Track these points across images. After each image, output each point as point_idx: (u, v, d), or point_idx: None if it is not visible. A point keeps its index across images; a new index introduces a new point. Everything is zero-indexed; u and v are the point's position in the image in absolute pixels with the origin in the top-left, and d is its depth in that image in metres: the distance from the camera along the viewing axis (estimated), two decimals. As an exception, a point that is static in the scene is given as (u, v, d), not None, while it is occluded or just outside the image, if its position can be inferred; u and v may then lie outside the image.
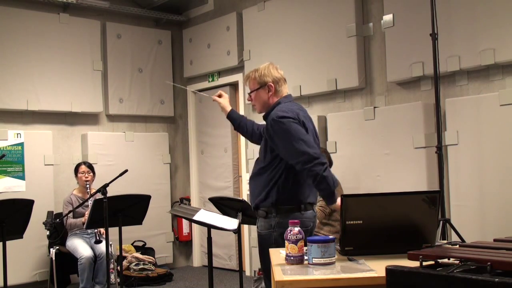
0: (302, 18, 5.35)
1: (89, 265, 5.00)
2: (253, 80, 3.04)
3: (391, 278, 1.65)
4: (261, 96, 3.02)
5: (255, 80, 3.03)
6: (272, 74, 3.01)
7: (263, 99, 3.02)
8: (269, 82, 2.99)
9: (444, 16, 4.12)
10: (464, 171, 4.05)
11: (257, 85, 3.02)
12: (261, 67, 3.05)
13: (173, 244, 6.74)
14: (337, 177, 4.49)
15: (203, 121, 6.80)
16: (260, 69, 3.03)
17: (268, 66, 3.04)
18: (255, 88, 3.03)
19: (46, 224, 4.94)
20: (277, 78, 3.01)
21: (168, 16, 6.76)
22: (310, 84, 5.24)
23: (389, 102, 4.74)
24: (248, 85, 3.11)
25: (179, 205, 5.86)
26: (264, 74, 3.00)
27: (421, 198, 2.41)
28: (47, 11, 5.94)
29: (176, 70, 6.99)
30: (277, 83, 3.00)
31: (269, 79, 2.99)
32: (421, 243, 2.32)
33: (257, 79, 3.01)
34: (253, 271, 5.62)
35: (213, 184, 6.59)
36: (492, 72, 4.06)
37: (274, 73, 3.01)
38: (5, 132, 5.53)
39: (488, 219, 3.90)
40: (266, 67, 3.03)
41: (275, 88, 3.00)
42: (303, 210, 2.90)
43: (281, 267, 2.17)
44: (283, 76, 3.06)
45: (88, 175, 5.34)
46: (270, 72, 3.01)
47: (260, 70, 3.03)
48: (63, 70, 5.97)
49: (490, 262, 1.57)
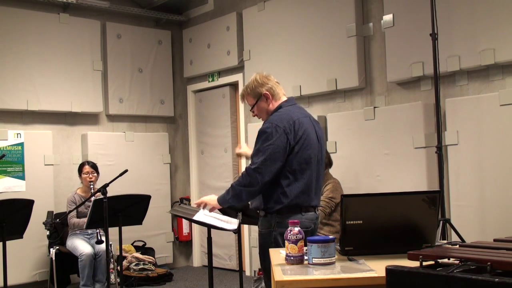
0: (302, 18, 5.35)
1: (90, 262, 5.00)
2: (248, 96, 3.10)
3: (391, 278, 1.65)
4: (262, 107, 3.07)
5: (249, 95, 3.09)
6: (263, 82, 3.06)
7: (265, 109, 3.06)
8: (263, 91, 3.04)
9: (444, 16, 4.12)
10: (464, 171, 4.05)
11: (254, 99, 3.07)
12: (250, 81, 3.11)
13: (173, 244, 6.74)
14: (337, 177, 4.55)
15: (203, 121, 6.80)
16: (250, 84, 3.09)
17: (255, 78, 3.09)
18: (254, 102, 3.08)
19: (46, 224, 4.94)
20: (268, 84, 3.06)
21: (168, 16, 6.76)
22: (310, 84, 5.24)
23: (389, 102, 4.74)
24: (247, 103, 3.16)
25: (179, 205, 5.85)
26: (255, 86, 3.06)
27: (421, 198, 2.41)
28: (47, 11, 5.94)
29: (176, 70, 6.99)
30: (270, 88, 3.05)
31: (262, 89, 3.04)
32: (421, 243, 2.32)
33: (251, 94, 3.08)
34: (253, 271, 5.61)
35: (213, 184, 6.59)
36: (492, 72, 4.05)
37: (264, 81, 3.06)
38: (5, 132, 5.53)
39: (488, 219, 3.89)
40: (254, 80, 3.08)
41: (271, 93, 3.04)
42: (304, 212, 2.91)
43: (281, 267, 2.17)
44: (273, 80, 3.11)
45: (92, 176, 5.34)
46: (259, 82, 3.06)
47: (250, 85, 3.08)
48: (63, 70, 5.96)
49: (490, 262, 1.57)
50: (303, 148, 2.89)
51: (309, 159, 2.92)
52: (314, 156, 2.96)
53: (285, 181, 2.86)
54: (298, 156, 2.88)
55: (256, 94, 3.05)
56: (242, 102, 3.24)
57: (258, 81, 3.06)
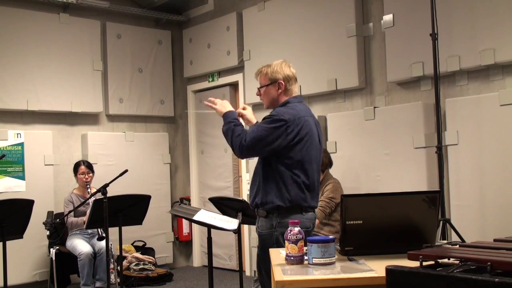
0: (302, 18, 5.35)
1: (89, 261, 5.00)
2: (265, 76, 3.01)
3: (391, 278, 1.65)
4: (270, 93, 3.00)
5: (266, 75, 3.00)
6: (284, 72, 2.98)
7: (272, 96, 3.00)
8: (280, 79, 2.96)
9: (444, 16, 4.12)
10: (464, 171, 4.05)
11: (268, 81, 2.99)
12: (274, 63, 3.01)
13: (173, 244, 6.74)
14: (337, 177, 4.55)
15: (203, 121, 6.80)
16: (273, 65, 3.00)
17: (281, 63, 3.01)
18: (265, 83, 3.01)
19: (46, 224, 4.94)
20: (289, 76, 2.98)
21: (168, 16, 6.76)
22: (310, 84, 5.24)
23: (389, 102, 4.74)
24: (258, 79, 3.07)
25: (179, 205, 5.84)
26: (276, 70, 2.97)
27: (421, 198, 2.41)
28: (47, 11, 5.94)
29: (176, 70, 6.99)
30: (288, 81, 2.98)
31: (281, 76, 2.97)
32: (421, 243, 2.32)
33: (269, 75, 2.99)
34: (253, 271, 5.61)
35: (213, 184, 6.59)
36: (492, 72, 4.05)
37: (286, 71, 2.99)
38: (5, 132, 5.53)
39: (488, 219, 3.89)
40: (279, 64, 3.00)
41: (286, 86, 2.97)
42: (304, 212, 2.91)
43: (281, 267, 2.17)
44: (294, 75, 3.03)
45: (88, 176, 5.34)
46: (282, 70, 2.98)
47: (272, 66, 2.99)
48: (63, 70, 5.96)
49: (490, 262, 1.57)
50: (306, 148, 2.87)
51: (311, 160, 2.91)
52: (315, 157, 2.95)
53: (288, 181, 2.85)
54: (301, 156, 2.86)
55: (273, 78, 2.97)
56: (256, 77, 3.13)
57: (282, 68, 2.98)
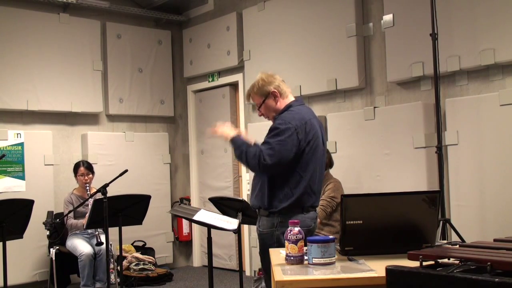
0: (302, 18, 5.35)
1: (89, 262, 5.00)
2: (256, 95, 3.07)
3: (391, 278, 1.65)
4: (269, 106, 3.04)
5: (256, 94, 3.06)
6: (270, 81, 3.03)
7: (272, 107, 3.04)
8: (271, 89, 3.01)
9: (444, 16, 4.12)
10: (464, 171, 4.05)
11: (261, 97, 3.04)
12: (256, 81, 3.08)
13: (173, 244, 6.74)
14: (337, 177, 4.55)
15: (203, 121, 6.80)
16: (257, 83, 3.06)
17: (261, 77, 3.07)
18: (261, 101, 3.05)
19: (46, 224, 4.94)
20: (274, 81, 3.04)
21: (168, 16, 6.76)
22: (310, 84, 5.24)
23: (389, 102, 4.74)
24: (252, 101, 3.14)
25: (179, 205, 5.84)
26: (262, 85, 3.03)
27: (421, 198, 2.41)
28: (47, 11, 5.94)
29: (176, 70, 6.99)
30: (278, 86, 3.03)
31: (270, 87, 3.02)
32: (421, 243, 2.32)
33: (258, 93, 3.05)
34: (253, 271, 5.62)
35: (213, 184, 6.59)
36: (492, 72, 4.05)
37: (269, 79, 3.05)
38: (5, 132, 5.53)
39: (488, 219, 3.89)
40: (260, 79, 3.06)
41: (279, 91, 3.02)
42: (306, 211, 2.93)
43: (281, 267, 2.17)
44: (279, 78, 3.09)
45: (87, 177, 5.34)
46: (266, 81, 3.03)
47: (257, 84, 3.06)
48: (63, 70, 5.96)
49: (490, 262, 1.57)
50: (312, 150, 2.92)
51: (317, 161, 2.94)
52: (320, 158, 2.98)
53: (293, 182, 2.88)
54: (307, 157, 2.89)
55: (264, 92, 3.02)
56: (248, 102, 3.21)
57: (265, 79, 3.04)
